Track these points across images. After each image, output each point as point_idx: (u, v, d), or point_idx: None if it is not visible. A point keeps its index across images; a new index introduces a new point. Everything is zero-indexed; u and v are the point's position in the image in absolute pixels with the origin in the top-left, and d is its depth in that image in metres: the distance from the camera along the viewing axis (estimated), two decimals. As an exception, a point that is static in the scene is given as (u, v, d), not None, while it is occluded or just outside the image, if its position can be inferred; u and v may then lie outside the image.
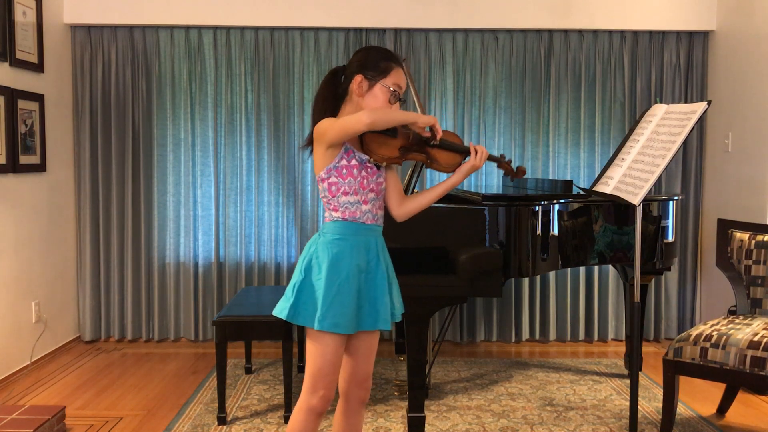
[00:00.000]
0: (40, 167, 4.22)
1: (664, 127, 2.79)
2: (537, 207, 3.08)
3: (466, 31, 4.66)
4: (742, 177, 4.24)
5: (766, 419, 3.34)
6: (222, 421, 3.24)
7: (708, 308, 4.68)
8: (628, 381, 3.82)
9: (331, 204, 2.13)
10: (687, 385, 3.71)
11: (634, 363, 2.82)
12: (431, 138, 2.14)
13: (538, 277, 4.70)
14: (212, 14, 4.52)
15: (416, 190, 3.59)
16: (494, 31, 4.66)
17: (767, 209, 3.96)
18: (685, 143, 4.40)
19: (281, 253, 4.71)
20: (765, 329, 2.88)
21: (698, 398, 3.61)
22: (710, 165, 4.67)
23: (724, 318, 3.16)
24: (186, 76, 4.64)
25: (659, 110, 2.91)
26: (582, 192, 3.29)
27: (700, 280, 4.78)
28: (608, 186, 2.88)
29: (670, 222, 3.69)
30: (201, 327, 4.72)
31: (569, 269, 4.70)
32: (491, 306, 4.71)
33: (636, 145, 2.88)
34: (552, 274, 4.69)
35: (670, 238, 3.71)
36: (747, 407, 3.48)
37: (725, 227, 3.45)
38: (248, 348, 4.04)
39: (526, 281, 4.69)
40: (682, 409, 3.44)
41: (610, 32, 4.68)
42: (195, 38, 4.63)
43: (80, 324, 4.72)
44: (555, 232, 3.18)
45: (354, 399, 2.25)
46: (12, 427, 2.81)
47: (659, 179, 4.44)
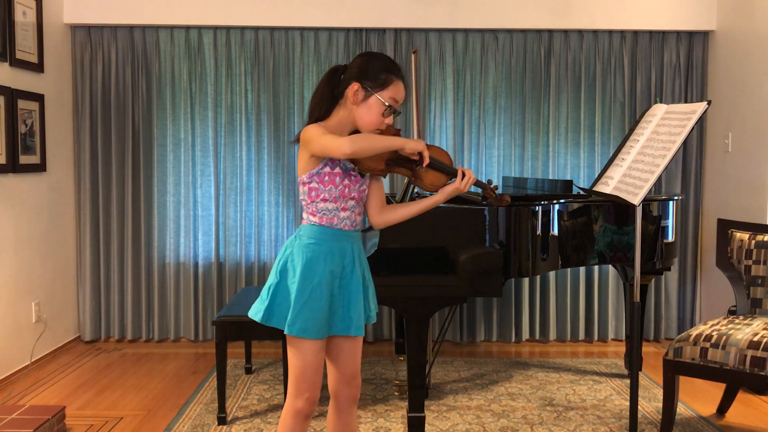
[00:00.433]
0: (40, 167, 4.23)
1: (664, 127, 2.79)
2: (537, 207, 3.08)
3: (466, 31, 4.66)
4: (742, 177, 4.24)
5: (766, 419, 3.34)
6: (222, 421, 3.24)
7: (708, 308, 4.68)
8: (628, 381, 3.82)
9: (310, 208, 2.11)
10: (687, 385, 3.71)
11: (634, 363, 2.83)
12: (418, 162, 2.09)
13: (538, 277, 4.70)
14: (212, 14, 4.52)
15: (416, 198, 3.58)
16: (494, 31, 4.66)
17: (767, 209, 3.96)
18: (685, 143, 4.40)
19: (281, 253, 4.71)
20: (765, 329, 2.88)
21: (698, 398, 3.61)
22: (710, 165, 4.68)
23: (724, 318, 3.16)
24: (186, 76, 4.64)
25: (659, 110, 2.91)
26: (582, 192, 3.29)
27: (700, 280, 4.78)
28: (608, 186, 2.88)
29: (670, 222, 3.69)
30: (201, 327, 4.72)
31: (569, 269, 4.70)
32: (491, 306, 4.71)
33: (636, 145, 2.88)
34: (552, 274, 4.68)
35: (670, 238, 3.71)
36: (747, 407, 3.48)
37: (725, 227, 3.45)
38: (248, 348, 4.04)
39: (526, 281, 4.69)
40: (682, 409, 3.44)
41: (610, 32, 4.68)
42: (195, 38, 4.63)
43: (80, 324, 4.72)
44: (555, 232, 3.18)
45: (344, 398, 2.23)
46: (12, 427, 2.81)
47: (659, 179, 4.44)
